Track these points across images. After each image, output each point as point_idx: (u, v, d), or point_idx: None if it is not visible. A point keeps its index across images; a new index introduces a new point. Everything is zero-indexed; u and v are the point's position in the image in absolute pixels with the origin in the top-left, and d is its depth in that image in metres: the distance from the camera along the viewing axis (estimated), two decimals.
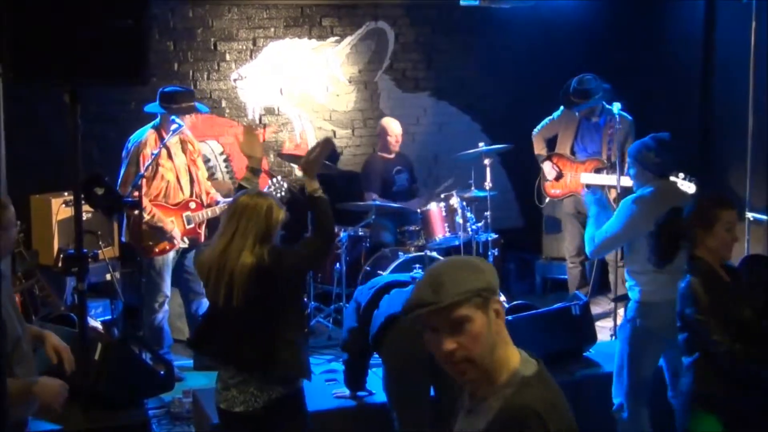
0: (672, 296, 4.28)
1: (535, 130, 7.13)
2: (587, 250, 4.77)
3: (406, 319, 2.04)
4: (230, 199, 6.17)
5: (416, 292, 2.05)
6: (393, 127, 7.36)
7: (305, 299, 4.36)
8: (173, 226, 5.90)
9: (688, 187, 5.87)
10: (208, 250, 3.75)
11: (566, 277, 7.27)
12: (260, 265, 3.59)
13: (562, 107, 6.97)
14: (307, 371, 3.78)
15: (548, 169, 7.03)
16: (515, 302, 5.68)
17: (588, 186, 6.40)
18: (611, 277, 6.84)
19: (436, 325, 2.03)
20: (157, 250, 5.91)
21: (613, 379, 4.62)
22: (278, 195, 5.83)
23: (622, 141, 6.48)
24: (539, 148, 7.14)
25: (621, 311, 6.37)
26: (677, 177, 5.89)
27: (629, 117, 6.56)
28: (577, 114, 6.90)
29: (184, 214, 6.01)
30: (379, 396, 4.58)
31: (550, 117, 7.10)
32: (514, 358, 2.09)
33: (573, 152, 6.99)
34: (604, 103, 6.78)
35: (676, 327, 4.39)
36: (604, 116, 6.82)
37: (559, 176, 6.98)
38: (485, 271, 2.07)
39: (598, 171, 6.81)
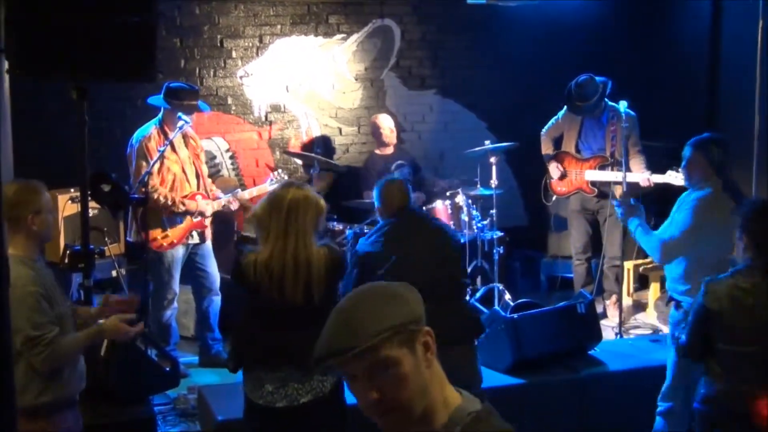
0: None
1: (543, 130, 7.14)
2: (655, 258, 4.66)
3: (315, 370, 1.77)
4: (232, 193, 6.24)
5: (326, 337, 1.71)
6: (383, 120, 7.39)
7: None
8: (196, 204, 5.93)
9: (683, 179, 5.85)
10: (263, 254, 3.58)
11: (571, 275, 7.26)
12: (333, 254, 3.62)
13: (565, 107, 6.97)
14: None
15: (553, 168, 7.04)
16: (520, 300, 5.69)
17: (614, 198, 6.13)
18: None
19: (355, 372, 1.70)
20: (165, 244, 5.92)
21: (666, 384, 4.54)
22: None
23: (625, 137, 6.46)
24: (546, 148, 7.14)
25: (618, 311, 6.39)
26: (674, 170, 5.91)
27: (633, 113, 6.56)
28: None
29: None
30: None
31: (555, 117, 7.10)
32: (453, 395, 1.78)
33: (578, 150, 6.99)
34: (606, 99, 6.78)
35: None
36: (606, 113, 6.82)
37: (563, 175, 6.99)
38: (407, 298, 1.74)
39: (602, 168, 6.81)
